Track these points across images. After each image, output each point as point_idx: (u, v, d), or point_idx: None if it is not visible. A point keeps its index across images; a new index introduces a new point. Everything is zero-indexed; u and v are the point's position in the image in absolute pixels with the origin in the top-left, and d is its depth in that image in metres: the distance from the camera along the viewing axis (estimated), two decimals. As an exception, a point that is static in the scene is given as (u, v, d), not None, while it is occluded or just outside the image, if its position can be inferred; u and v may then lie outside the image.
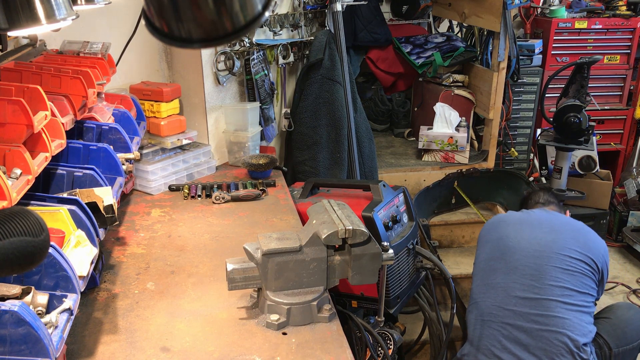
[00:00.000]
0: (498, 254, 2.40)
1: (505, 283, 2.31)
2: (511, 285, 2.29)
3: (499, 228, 2.51)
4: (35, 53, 2.17)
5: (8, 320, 1.16)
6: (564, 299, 2.21)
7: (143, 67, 2.86)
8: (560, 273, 2.24)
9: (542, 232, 2.39)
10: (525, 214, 2.56)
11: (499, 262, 2.38)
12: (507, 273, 2.32)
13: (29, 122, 1.42)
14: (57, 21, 1.26)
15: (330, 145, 3.35)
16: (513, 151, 4.19)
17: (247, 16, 0.74)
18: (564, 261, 2.26)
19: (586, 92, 3.60)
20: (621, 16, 4.42)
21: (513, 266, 2.32)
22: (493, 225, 2.58)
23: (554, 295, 2.21)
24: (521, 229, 2.43)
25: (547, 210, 2.60)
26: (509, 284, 2.30)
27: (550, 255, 2.28)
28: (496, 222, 2.59)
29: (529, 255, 2.31)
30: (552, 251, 2.29)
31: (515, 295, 2.26)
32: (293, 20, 3.34)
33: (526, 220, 2.49)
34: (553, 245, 2.31)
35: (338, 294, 2.34)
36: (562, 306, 2.20)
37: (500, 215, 2.77)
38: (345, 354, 1.51)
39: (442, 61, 4.09)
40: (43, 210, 1.52)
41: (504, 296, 2.29)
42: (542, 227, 2.41)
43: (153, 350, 1.51)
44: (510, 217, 2.59)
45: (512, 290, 2.28)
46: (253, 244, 1.66)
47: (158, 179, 2.58)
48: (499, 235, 2.47)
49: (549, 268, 2.25)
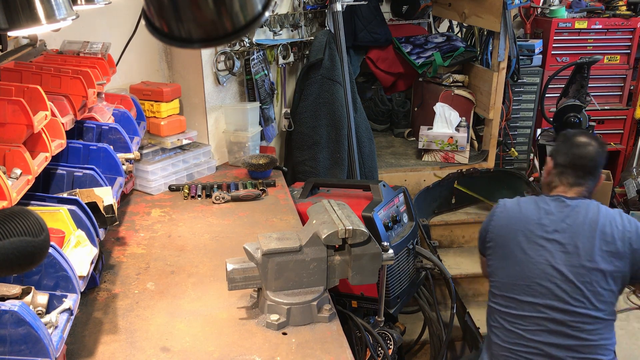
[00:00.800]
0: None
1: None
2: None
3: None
4: (35, 53, 2.17)
5: (8, 320, 1.16)
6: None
7: (143, 67, 2.86)
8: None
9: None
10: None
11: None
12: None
13: (29, 122, 1.42)
14: (57, 21, 1.26)
15: (330, 145, 3.35)
16: (513, 151, 4.20)
17: (247, 16, 0.74)
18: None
19: (586, 92, 3.60)
20: (621, 16, 4.42)
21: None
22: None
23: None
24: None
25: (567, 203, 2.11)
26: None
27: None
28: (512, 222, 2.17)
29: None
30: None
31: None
32: (293, 20, 3.34)
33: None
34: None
35: (338, 294, 2.34)
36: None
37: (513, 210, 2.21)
38: (345, 354, 1.50)
39: (442, 61, 4.09)
40: (43, 210, 1.52)
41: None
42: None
43: (153, 350, 1.51)
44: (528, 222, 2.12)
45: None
46: (253, 244, 1.66)
47: (158, 179, 2.58)
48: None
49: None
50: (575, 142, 2.15)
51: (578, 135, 2.19)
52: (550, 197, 2.13)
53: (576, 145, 2.14)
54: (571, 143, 2.16)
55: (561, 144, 2.20)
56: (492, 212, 2.26)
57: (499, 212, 2.21)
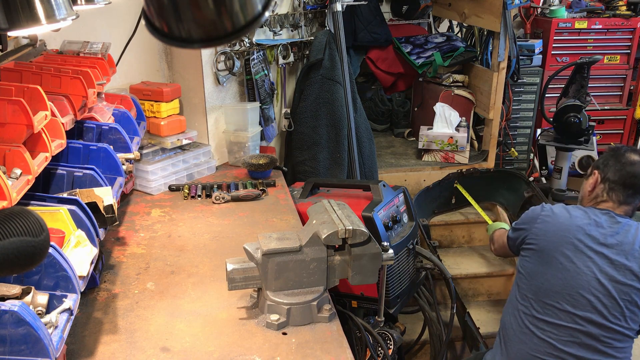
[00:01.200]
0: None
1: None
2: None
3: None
4: (35, 53, 2.17)
5: (8, 320, 1.16)
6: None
7: (143, 67, 2.86)
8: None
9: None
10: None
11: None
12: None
13: (29, 122, 1.42)
14: (57, 21, 1.26)
15: (330, 145, 3.35)
16: (513, 151, 4.19)
17: (247, 16, 0.74)
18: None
19: (586, 92, 3.60)
20: (621, 16, 4.42)
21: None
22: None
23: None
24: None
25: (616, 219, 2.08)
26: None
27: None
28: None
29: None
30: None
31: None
32: (293, 20, 3.34)
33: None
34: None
35: (338, 294, 2.34)
36: None
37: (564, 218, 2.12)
38: (345, 354, 1.50)
39: (442, 61, 4.09)
40: (43, 210, 1.52)
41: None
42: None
43: (153, 350, 1.51)
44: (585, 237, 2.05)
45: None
46: (253, 244, 1.66)
47: (158, 179, 2.58)
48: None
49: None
50: (629, 159, 2.11)
51: (630, 152, 2.15)
52: (600, 210, 2.10)
53: (630, 163, 2.10)
54: (624, 160, 2.11)
55: (611, 159, 2.14)
56: (535, 215, 2.17)
57: (545, 215, 2.14)
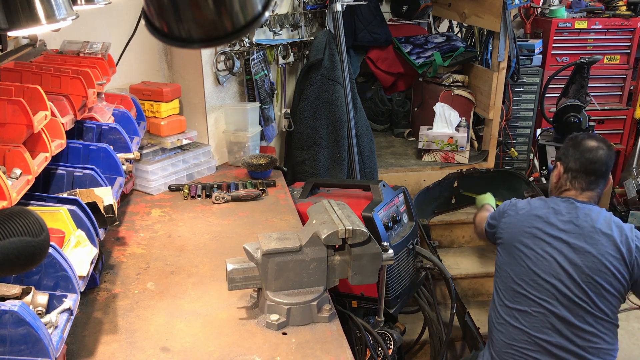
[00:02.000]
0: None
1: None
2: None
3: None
4: (35, 53, 2.17)
5: (8, 320, 1.16)
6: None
7: (143, 67, 2.86)
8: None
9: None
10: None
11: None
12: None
13: (29, 122, 1.42)
14: (57, 21, 1.26)
15: (330, 145, 3.35)
16: (513, 151, 4.19)
17: (247, 16, 0.74)
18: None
19: (586, 92, 3.60)
20: (621, 16, 4.42)
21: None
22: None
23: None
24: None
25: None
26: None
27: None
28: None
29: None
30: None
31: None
32: (293, 20, 3.34)
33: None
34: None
35: (338, 294, 2.34)
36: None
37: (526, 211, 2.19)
38: (345, 354, 1.51)
39: (442, 61, 4.09)
40: (43, 210, 1.52)
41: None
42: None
43: (153, 350, 1.51)
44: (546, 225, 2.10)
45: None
46: (253, 244, 1.66)
47: (158, 179, 2.58)
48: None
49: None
50: (587, 146, 2.14)
51: (587, 139, 2.18)
52: (561, 199, 2.14)
53: (588, 150, 2.13)
54: (582, 148, 2.14)
55: (571, 149, 2.18)
56: (503, 210, 2.27)
57: (510, 209, 2.23)
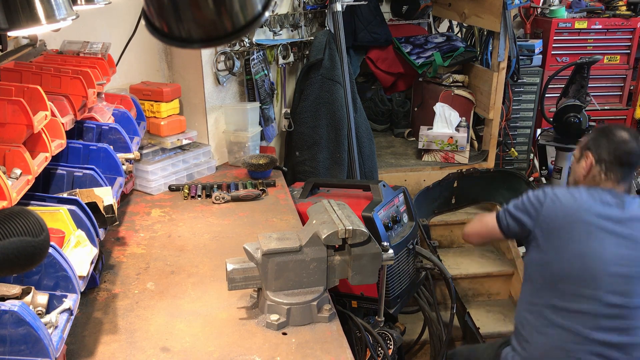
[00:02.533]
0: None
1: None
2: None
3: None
4: (35, 53, 2.17)
5: (8, 320, 1.16)
6: None
7: (143, 67, 2.86)
8: None
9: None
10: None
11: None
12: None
13: (29, 122, 1.42)
14: (57, 21, 1.26)
15: (330, 145, 3.35)
16: (513, 151, 4.19)
17: (247, 16, 0.74)
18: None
19: (586, 92, 3.60)
20: (621, 16, 4.42)
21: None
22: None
23: None
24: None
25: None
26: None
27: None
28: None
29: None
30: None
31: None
32: (293, 20, 3.34)
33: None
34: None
35: (338, 294, 2.34)
36: None
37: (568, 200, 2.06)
38: (345, 354, 1.50)
39: (442, 61, 4.09)
40: (43, 210, 1.52)
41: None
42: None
43: (153, 350, 1.51)
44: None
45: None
46: (253, 244, 1.66)
47: (158, 179, 2.58)
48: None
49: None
50: (621, 137, 2.07)
51: (620, 130, 2.11)
52: (603, 189, 2.04)
53: (622, 141, 2.06)
54: (617, 139, 2.08)
55: (603, 139, 2.10)
56: (537, 201, 2.07)
57: (550, 201, 2.04)
